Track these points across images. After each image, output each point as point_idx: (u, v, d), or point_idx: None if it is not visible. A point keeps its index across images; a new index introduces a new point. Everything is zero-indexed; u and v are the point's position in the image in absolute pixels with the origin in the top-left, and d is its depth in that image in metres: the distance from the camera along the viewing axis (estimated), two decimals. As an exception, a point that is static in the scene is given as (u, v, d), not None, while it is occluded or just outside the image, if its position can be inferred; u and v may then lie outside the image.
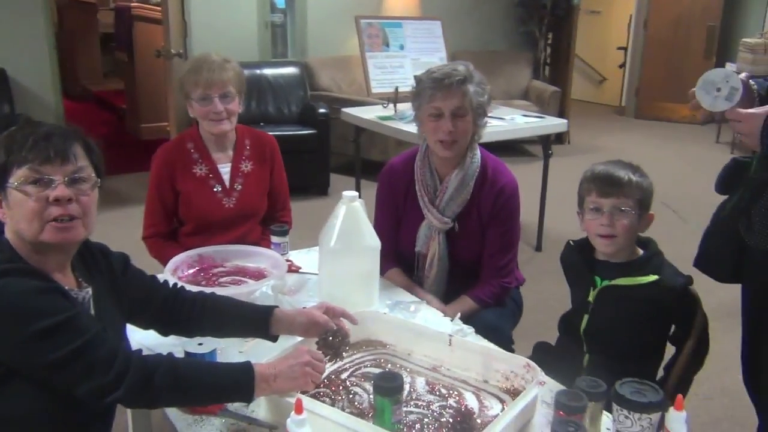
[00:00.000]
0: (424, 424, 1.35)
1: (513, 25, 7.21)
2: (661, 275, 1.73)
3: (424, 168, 2.10)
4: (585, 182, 1.81)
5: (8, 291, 1.17)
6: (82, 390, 1.20)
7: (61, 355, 1.17)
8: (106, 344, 1.23)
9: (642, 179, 1.76)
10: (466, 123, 2.00)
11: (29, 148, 1.23)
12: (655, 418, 1.24)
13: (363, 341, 1.64)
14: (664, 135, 7.73)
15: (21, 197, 1.24)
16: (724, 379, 2.83)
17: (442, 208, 2.06)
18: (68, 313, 1.20)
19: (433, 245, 2.07)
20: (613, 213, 1.73)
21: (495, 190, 2.06)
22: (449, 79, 1.97)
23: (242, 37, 5.87)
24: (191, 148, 2.32)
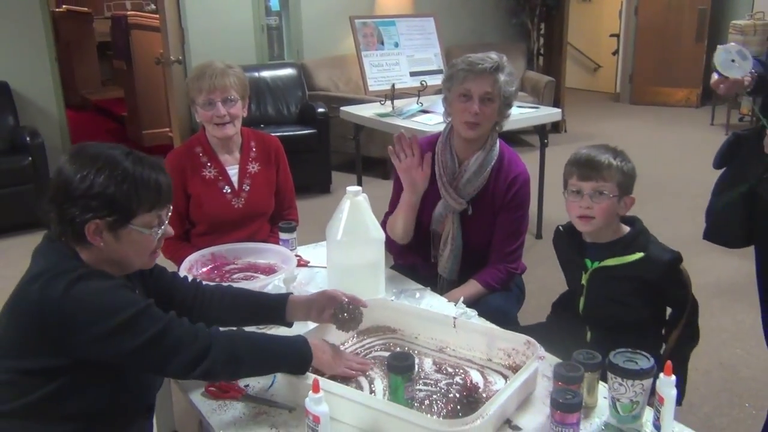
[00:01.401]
0: (433, 400, 1.44)
1: (505, 17, 7.29)
2: (647, 252, 1.81)
3: (446, 150, 2.20)
4: (568, 165, 1.89)
5: (88, 291, 1.27)
6: (172, 366, 1.33)
7: (145, 340, 1.28)
8: (185, 324, 1.36)
9: (623, 163, 1.83)
10: (492, 109, 2.10)
11: (154, 192, 1.35)
12: (646, 383, 1.33)
13: (372, 327, 1.74)
14: (659, 119, 7.81)
15: (143, 237, 1.36)
16: (722, 354, 2.93)
17: (459, 189, 2.16)
18: (143, 304, 1.32)
19: (448, 224, 2.18)
20: (592, 196, 1.81)
21: (509, 178, 2.17)
22: (483, 64, 2.08)
23: (239, 41, 5.95)
24: (200, 152, 2.42)
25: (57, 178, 1.33)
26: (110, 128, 8.02)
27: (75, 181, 1.30)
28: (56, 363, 1.29)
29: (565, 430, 1.27)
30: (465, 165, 2.16)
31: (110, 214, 1.31)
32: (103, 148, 1.36)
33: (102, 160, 1.31)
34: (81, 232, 1.31)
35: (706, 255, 2.15)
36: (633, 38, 8.58)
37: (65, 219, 1.32)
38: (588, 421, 1.39)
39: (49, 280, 1.27)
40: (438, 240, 2.23)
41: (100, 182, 1.30)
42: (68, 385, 1.31)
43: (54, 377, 1.30)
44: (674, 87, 8.33)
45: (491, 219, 2.19)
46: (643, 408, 1.36)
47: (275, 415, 1.43)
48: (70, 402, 1.32)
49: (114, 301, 1.29)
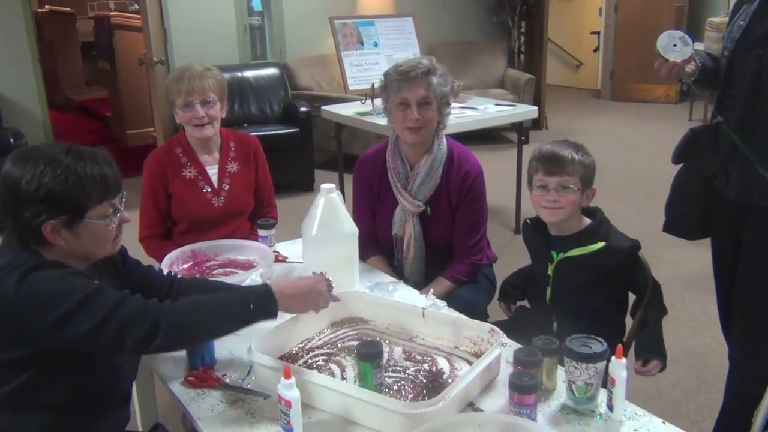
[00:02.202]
0: (401, 385, 1.52)
1: (486, 15, 7.37)
2: (608, 241, 1.90)
3: (395, 157, 2.27)
4: (533, 161, 1.97)
5: (40, 280, 1.31)
6: (127, 344, 1.33)
7: (97, 320, 1.30)
8: (135, 302, 1.37)
9: (584, 157, 1.92)
10: (431, 111, 2.17)
11: (101, 185, 1.39)
12: (600, 366, 1.41)
13: (345, 319, 1.82)
14: (639, 115, 7.93)
15: (101, 227, 1.41)
16: (691, 343, 3.03)
17: (413, 192, 2.24)
18: (94, 287, 1.35)
19: (408, 228, 2.25)
20: (558, 190, 1.89)
21: (461, 174, 2.23)
22: (414, 71, 2.15)
23: (222, 41, 6.01)
24: (180, 152, 2.48)
25: (3, 186, 1.36)
26: (94, 128, 8.04)
27: (21, 186, 1.33)
28: (22, 354, 1.34)
29: (523, 411, 1.35)
30: (416, 168, 2.23)
31: (62, 213, 1.35)
32: (43, 148, 1.39)
33: (43, 160, 1.34)
34: (39, 234, 1.35)
35: (679, 248, 2.24)
36: (613, 35, 8.70)
37: (21, 225, 1.35)
38: (547, 403, 1.47)
39: (4, 275, 1.31)
40: (401, 244, 2.30)
41: (45, 182, 1.33)
42: (38, 376, 1.36)
43: (23, 368, 1.35)
44: (653, 84, 8.46)
45: (450, 216, 2.26)
46: (597, 390, 1.44)
47: (251, 402, 1.50)
48: (42, 392, 1.37)
49: (65, 287, 1.32)
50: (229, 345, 1.72)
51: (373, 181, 2.34)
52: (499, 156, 6.09)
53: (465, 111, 4.07)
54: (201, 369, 1.61)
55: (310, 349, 1.69)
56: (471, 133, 4.10)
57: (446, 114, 2.25)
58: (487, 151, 6.44)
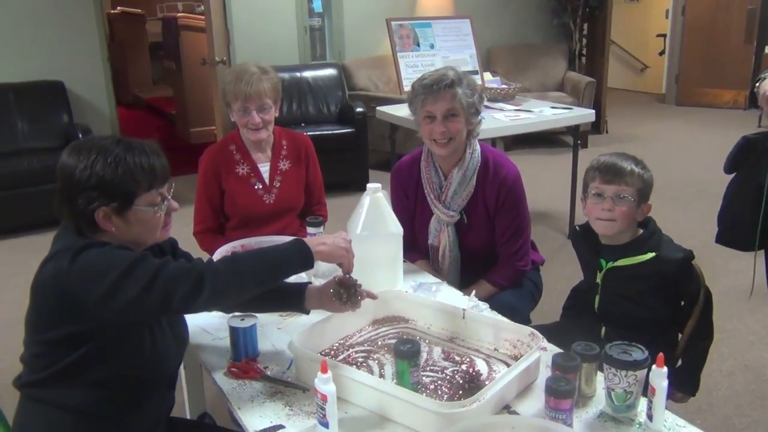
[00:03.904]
0: (438, 385, 1.53)
1: (547, 17, 7.28)
2: (659, 252, 1.86)
3: (429, 167, 2.28)
4: (591, 170, 1.95)
5: (90, 256, 1.38)
6: (176, 301, 1.38)
7: (145, 283, 1.36)
8: (178, 263, 1.43)
9: (643, 171, 1.89)
10: (458, 123, 2.15)
11: (149, 174, 1.45)
12: (640, 375, 1.39)
13: (387, 317, 1.83)
14: (704, 121, 7.69)
15: (150, 214, 1.47)
16: (747, 357, 2.92)
17: (447, 203, 2.24)
18: (138, 255, 1.42)
19: (444, 237, 2.26)
20: (614, 199, 1.87)
21: (498, 181, 2.21)
22: (438, 84, 2.13)
23: (282, 42, 6.12)
24: (233, 150, 2.55)
25: (60, 174, 1.44)
26: (159, 126, 8.31)
27: (75, 175, 1.41)
28: (78, 329, 1.40)
29: (558, 416, 1.34)
30: (450, 178, 2.23)
31: (113, 200, 1.42)
32: (96, 140, 1.47)
33: (95, 150, 1.42)
34: (92, 220, 1.43)
35: (739, 258, 2.17)
36: (680, 38, 8.47)
37: (76, 212, 1.43)
38: (585, 409, 1.45)
39: (60, 257, 1.39)
40: (436, 253, 2.29)
41: (96, 171, 1.40)
42: (91, 353, 1.42)
43: (77, 345, 1.41)
44: (721, 88, 8.19)
45: (487, 224, 2.24)
46: (637, 398, 1.41)
47: (290, 394, 1.54)
48: (94, 369, 1.43)
49: (110, 259, 1.38)
50: (272, 338, 1.77)
51: (408, 189, 2.35)
52: (555, 160, 6.01)
53: (520, 114, 4.03)
54: (244, 360, 1.65)
55: (350, 345, 1.71)
56: (527, 135, 4.06)
57: (477, 122, 2.23)
58: (543, 155, 6.37)
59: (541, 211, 4.82)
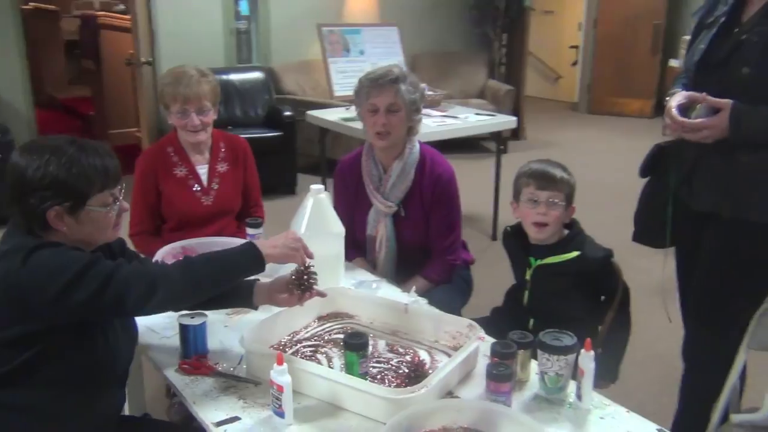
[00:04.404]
0: (384, 375, 1.62)
1: (469, 26, 7.52)
2: (583, 251, 2.02)
3: (369, 161, 2.39)
4: (523, 177, 2.10)
5: (42, 257, 1.40)
6: (128, 303, 1.43)
7: (98, 284, 1.39)
8: (131, 266, 1.48)
9: (569, 177, 2.07)
10: (399, 117, 2.28)
11: (102, 174, 1.47)
12: (570, 359, 1.53)
13: (331, 313, 1.91)
14: (614, 128, 8.12)
15: (102, 214, 1.49)
16: (657, 347, 3.16)
17: (386, 194, 2.35)
18: (91, 256, 1.45)
19: (381, 228, 2.37)
20: (547, 204, 2.02)
21: (434, 177, 2.35)
22: (383, 78, 2.27)
23: (208, 44, 6.07)
24: (171, 152, 2.56)
25: (11, 173, 1.45)
26: (76, 127, 8.02)
27: (28, 174, 1.42)
28: (27, 331, 1.41)
29: (499, 398, 1.46)
30: (389, 171, 2.35)
31: (66, 199, 1.44)
32: (48, 140, 1.49)
33: (49, 150, 1.44)
34: (44, 220, 1.44)
35: (649, 257, 2.36)
36: (592, 50, 8.90)
37: (27, 211, 1.44)
38: (521, 393, 1.58)
39: (11, 257, 1.40)
40: (374, 244, 2.41)
41: (50, 171, 1.42)
42: (44, 352, 1.43)
43: (30, 345, 1.42)
44: (630, 98, 8.67)
45: (423, 218, 2.37)
46: (567, 381, 1.55)
47: (242, 388, 1.59)
48: (47, 368, 1.45)
49: (65, 259, 1.41)
50: (220, 336, 1.81)
51: (350, 184, 2.45)
52: (478, 165, 6.22)
53: (446, 119, 4.19)
54: (194, 357, 1.69)
55: (298, 341, 1.78)
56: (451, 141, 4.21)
57: (417, 120, 2.36)
58: (466, 160, 6.57)
59: (466, 215, 4.96)
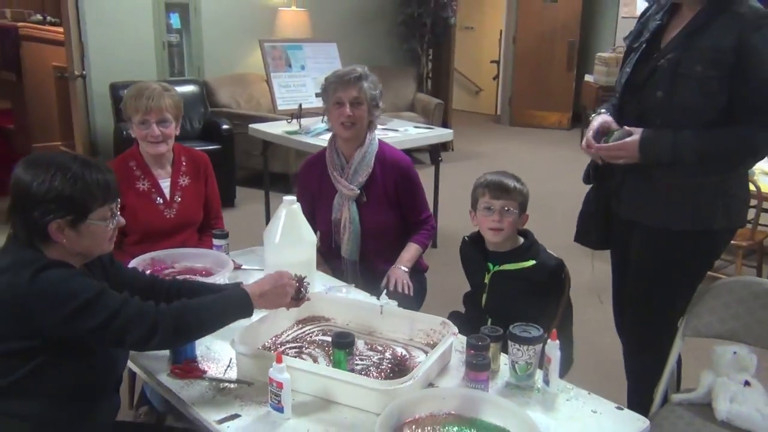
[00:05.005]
0: (369, 371, 1.74)
1: (397, 42, 7.75)
2: (538, 260, 2.21)
3: (332, 152, 2.66)
4: (480, 187, 2.27)
5: (51, 279, 1.46)
6: (128, 341, 1.52)
7: (103, 319, 1.47)
8: (138, 304, 1.55)
9: (522, 187, 2.26)
10: (362, 110, 2.56)
11: (104, 190, 1.55)
12: (538, 348, 1.70)
13: (309, 317, 2.02)
14: (535, 139, 8.53)
15: (101, 228, 1.56)
16: (595, 341, 3.41)
17: (349, 178, 2.60)
18: (100, 287, 1.51)
19: (345, 211, 2.60)
20: (501, 212, 2.20)
21: (395, 168, 2.63)
22: (348, 75, 2.56)
23: (140, 57, 6.02)
24: (134, 166, 2.60)
25: (15, 187, 1.51)
26: (-6, 141, 7.72)
27: (33, 188, 1.49)
28: (30, 344, 1.47)
29: (478, 386, 1.61)
30: (351, 160, 2.60)
31: (69, 213, 1.51)
32: (52, 156, 1.56)
33: (54, 166, 1.51)
34: (45, 232, 1.50)
35: (581, 258, 2.59)
36: (512, 64, 9.32)
37: (29, 223, 1.50)
38: (494, 382, 1.74)
39: (17, 271, 1.45)
40: (338, 226, 2.63)
41: (56, 186, 1.49)
42: (44, 364, 1.49)
43: (30, 357, 1.48)
44: (548, 110, 9.13)
45: (385, 203, 2.62)
46: (535, 368, 1.72)
47: (237, 389, 1.68)
48: (47, 379, 1.50)
49: (74, 287, 1.47)
50: (207, 342, 1.88)
51: (314, 178, 2.69)
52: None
53: (387, 132, 4.35)
54: (184, 362, 1.76)
55: (281, 343, 1.88)
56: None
57: (376, 115, 2.64)
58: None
59: (404, 223, 5.16)
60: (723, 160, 2.00)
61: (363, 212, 2.61)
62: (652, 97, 2.03)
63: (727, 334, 2.09)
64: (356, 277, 2.63)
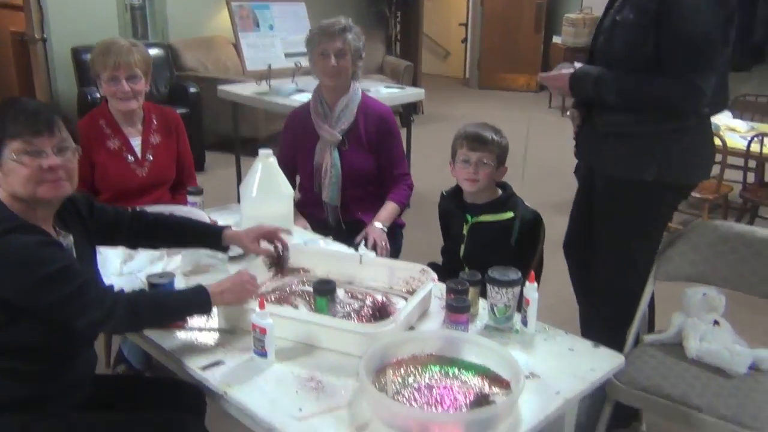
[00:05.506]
0: (351, 317, 1.76)
1: (365, 4, 7.66)
2: (515, 212, 2.24)
3: (317, 101, 2.69)
4: (458, 139, 2.28)
5: (14, 245, 1.41)
6: (80, 324, 1.48)
7: (60, 297, 1.44)
8: (97, 288, 1.52)
9: (501, 139, 2.27)
10: (346, 61, 2.59)
11: (22, 122, 1.45)
12: (516, 291, 1.73)
13: (288, 269, 2.02)
14: (504, 103, 8.56)
15: (16, 166, 1.45)
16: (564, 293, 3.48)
17: (332, 125, 2.63)
18: (64, 262, 1.46)
19: (327, 157, 2.62)
20: (477, 164, 2.21)
21: (377, 116, 2.67)
22: (333, 27, 2.58)
23: (101, 20, 5.86)
24: (103, 124, 2.56)
25: None
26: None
27: None
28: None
29: (459, 327, 1.64)
30: (335, 107, 2.63)
31: None
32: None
33: None
34: None
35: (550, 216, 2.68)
36: (480, 27, 9.29)
37: None
38: (473, 325, 1.77)
39: None
40: (320, 171, 2.66)
41: None
42: (9, 320, 1.46)
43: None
44: (517, 73, 9.15)
45: (367, 150, 2.65)
46: (513, 311, 1.75)
47: (220, 337, 1.68)
48: (16, 335, 1.47)
49: (36, 257, 1.42)
50: (186, 294, 1.88)
51: (298, 126, 2.72)
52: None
53: (359, 92, 4.31)
54: (165, 314, 1.76)
55: (262, 294, 1.88)
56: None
57: (359, 66, 2.67)
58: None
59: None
60: (641, 107, 2.09)
61: (344, 158, 2.64)
62: (597, 42, 2.22)
63: (697, 277, 2.15)
64: (337, 224, 2.68)
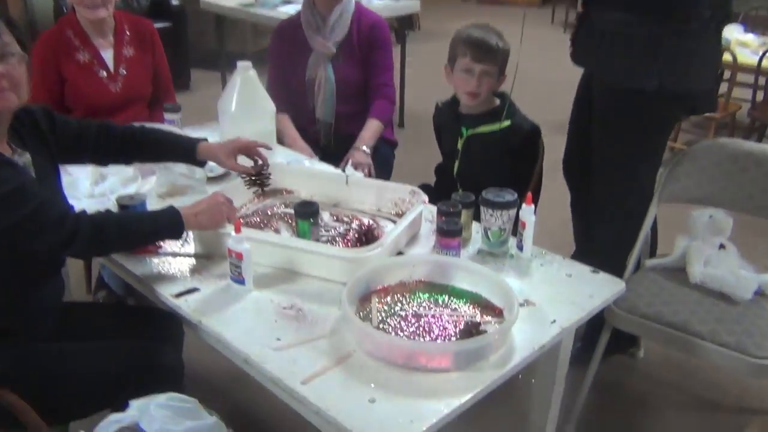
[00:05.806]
0: (335, 241, 1.65)
1: None
2: (513, 120, 2.09)
3: (308, 11, 2.54)
4: (461, 44, 2.09)
5: None
6: (38, 248, 1.38)
7: (15, 220, 1.33)
8: (55, 208, 1.40)
9: (504, 44, 2.10)
10: None
11: None
12: (512, 213, 1.61)
13: (270, 190, 1.90)
14: (505, 18, 8.17)
15: None
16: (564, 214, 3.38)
17: (326, 36, 2.50)
18: (17, 183, 1.34)
19: (320, 71, 2.49)
20: (481, 76, 2.05)
21: (371, 22, 2.56)
22: None
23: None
24: (71, 35, 2.38)
25: None
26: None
27: None
28: None
29: (450, 252, 1.54)
30: (329, 18, 2.49)
31: None
32: None
33: None
34: None
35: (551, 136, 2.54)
36: (480, -63, 8.84)
37: None
38: (465, 249, 1.66)
39: None
40: (313, 86, 2.52)
41: None
42: None
43: None
44: (518, -13, 8.76)
45: (360, 60, 2.52)
46: (508, 235, 1.64)
47: (195, 264, 1.58)
48: None
49: None
50: (160, 216, 1.77)
51: (286, 41, 2.58)
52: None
53: (350, 4, 4.08)
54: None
55: (242, 216, 1.77)
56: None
57: None
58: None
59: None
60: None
61: (337, 72, 2.51)
62: None
63: (703, 198, 2.04)
64: (330, 141, 2.56)
